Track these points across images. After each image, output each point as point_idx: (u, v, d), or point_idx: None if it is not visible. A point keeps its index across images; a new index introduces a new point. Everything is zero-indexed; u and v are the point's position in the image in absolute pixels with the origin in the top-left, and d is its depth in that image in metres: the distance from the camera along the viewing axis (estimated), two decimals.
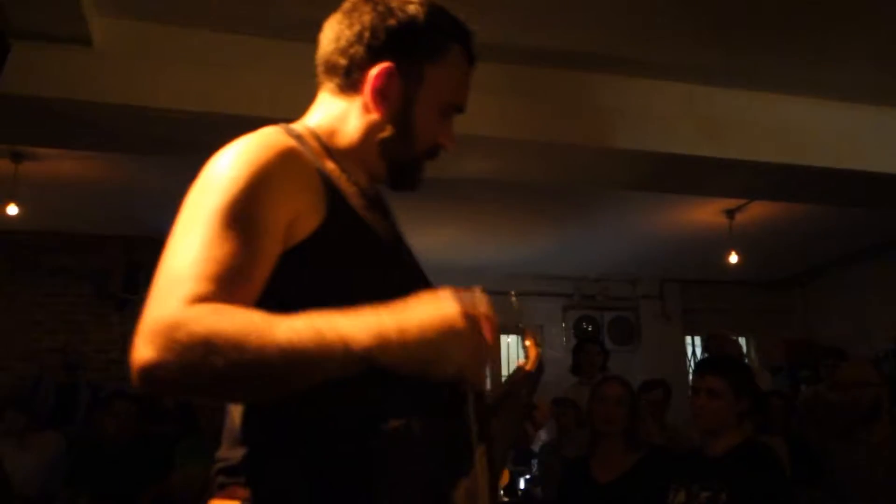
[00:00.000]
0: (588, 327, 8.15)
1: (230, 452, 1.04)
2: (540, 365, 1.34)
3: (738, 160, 4.14)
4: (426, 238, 6.54)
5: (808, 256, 7.67)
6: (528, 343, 1.36)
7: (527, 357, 1.33)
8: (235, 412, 1.04)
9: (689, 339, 8.61)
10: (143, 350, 0.87)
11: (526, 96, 3.82)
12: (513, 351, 7.93)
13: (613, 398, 3.15)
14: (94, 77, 3.31)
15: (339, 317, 0.89)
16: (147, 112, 3.42)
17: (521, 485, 5.07)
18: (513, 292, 1.28)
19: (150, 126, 3.61)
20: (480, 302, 0.96)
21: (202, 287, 0.90)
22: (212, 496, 1.03)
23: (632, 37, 3.67)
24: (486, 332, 0.94)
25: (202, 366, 0.85)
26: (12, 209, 5.19)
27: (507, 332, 7.96)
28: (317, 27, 1.24)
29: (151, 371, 0.86)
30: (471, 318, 0.92)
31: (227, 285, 0.92)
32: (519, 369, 1.29)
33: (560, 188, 5.54)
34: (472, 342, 0.92)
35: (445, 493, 0.96)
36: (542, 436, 5.74)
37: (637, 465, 3.05)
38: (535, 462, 5.34)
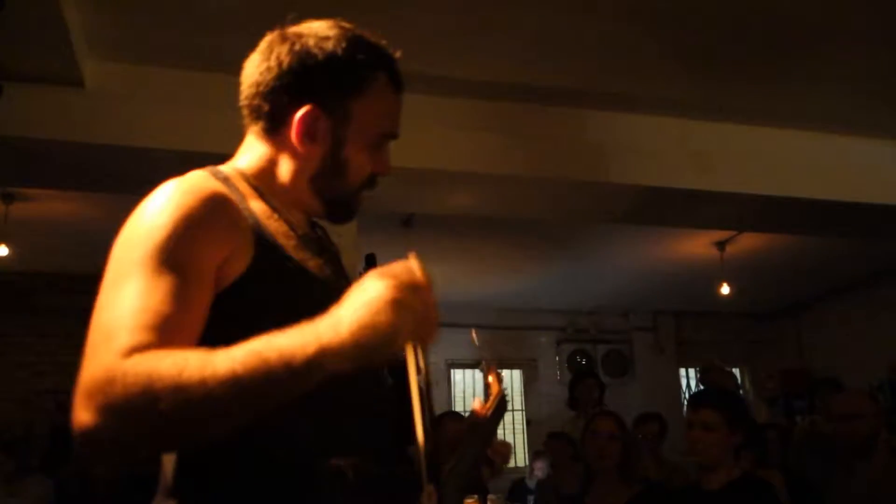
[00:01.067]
0: (582, 360, 8.13)
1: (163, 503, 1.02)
2: (502, 403, 1.29)
3: (728, 192, 4.17)
4: None
5: (801, 287, 7.70)
6: (490, 379, 1.31)
7: (488, 394, 1.27)
8: (167, 461, 1.02)
9: (682, 370, 8.59)
10: (81, 414, 0.83)
11: (514, 133, 3.85)
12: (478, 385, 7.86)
13: (606, 433, 3.13)
14: (86, 118, 3.32)
15: (276, 337, 0.86)
16: (139, 153, 3.43)
17: None
18: (473, 330, 1.25)
19: (141, 166, 3.62)
20: (411, 266, 0.93)
21: (136, 337, 0.87)
22: None
23: (619, 72, 3.71)
24: (424, 294, 0.91)
25: (144, 415, 0.81)
26: (3, 250, 5.18)
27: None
28: None
29: (93, 434, 0.82)
30: (402, 285, 0.88)
31: (161, 334, 0.88)
32: (474, 413, 1.24)
33: (550, 223, 5.56)
34: (410, 306, 0.88)
35: None
36: (539, 472, 5.69)
37: (632, 500, 3.01)
38: (531, 499, 5.29)
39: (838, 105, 4.06)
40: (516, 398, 8.21)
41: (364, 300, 0.87)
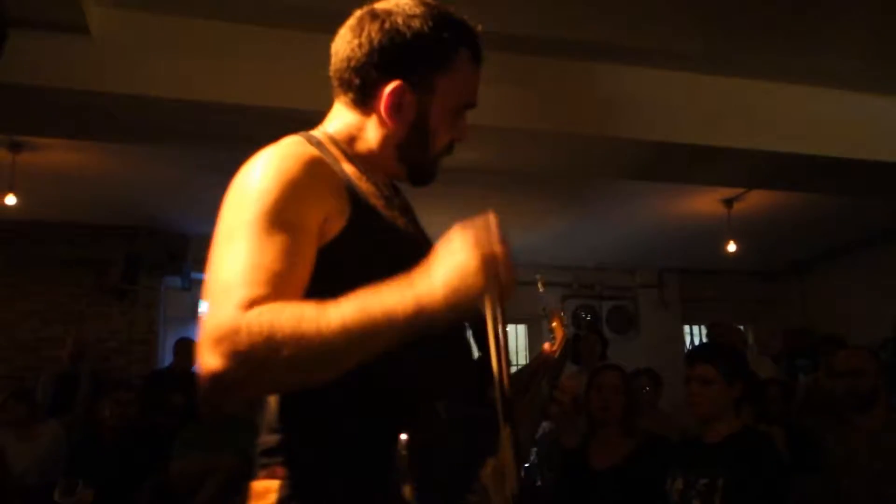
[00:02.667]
0: (587, 316, 8.17)
1: (268, 437, 1.11)
2: (566, 348, 1.37)
3: (736, 148, 4.14)
4: (426, 227, 6.55)
5: (807, 246, 7.68)
6: (554, 325, 1.39)
7: (553, 339, 1.35)
8: (271, 402, 1.12)
9: (687, 328, 8.63)
10: (210, 360, 0.92)
11: (525, 85, 3.82)
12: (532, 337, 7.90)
13: (610, 386, 3.17)
14: (92, 66, 3.30)
15: (378, 293, 0.97)
16: (145, 101, 3.42)
17: (521, 473, 5.08)
18: (539, 276, 1.31)
19: (148, 115, 3.61)
20: (491, 227, 1.03)
21: (253, 292, 0.96)
22: (254, 477, 1.10)
23: (632, 26, 3.66)
24: (504, 256, 1.01)
25: (268, 361, 0.92)
26: (10, 199, 5.19)
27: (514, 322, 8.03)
28: (314, 15, 1.25)
29: (222, 378, 0.92)
30: (486, 250, 0.99)
31: (274, 288, 0.98)
32: (543, 352, 1.32)
33: (558, 178, 5.55)
34: (493, 270, 0.99)
35: (474, 473, 1.00)
36: (542, 425, 5.76)
37: (634, 452, 3.06)
38: (534, 451, 5.36)
39: (849, 61, 4.01)
40: (521, 353, 8.28)
41: (454, 264, 0.98)
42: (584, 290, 8.28)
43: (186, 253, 6.52)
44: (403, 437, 0.93)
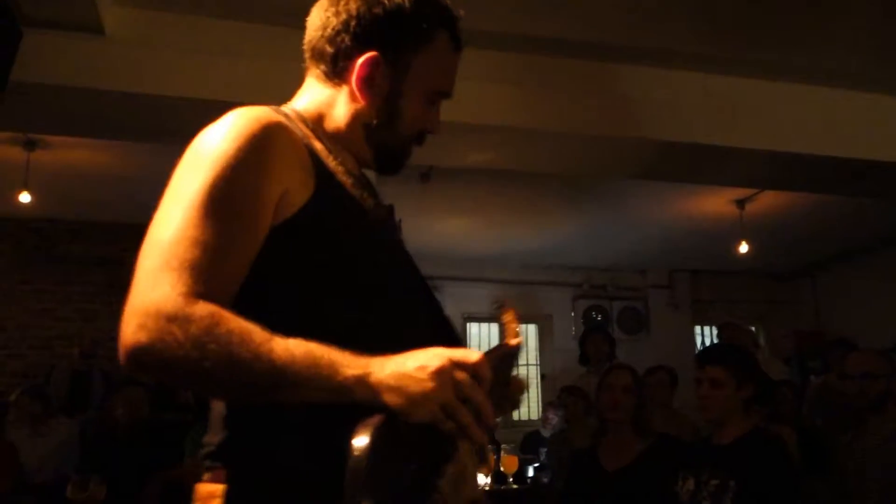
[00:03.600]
0: (597, 317, 8.16)
1: (213, 437, 1.07)
2: (518, 342, 1.33)
3: (750, 149, 4.12)
4: (438, 227, 6.55)
5: (819, 247, 7.64)
6: (506, 319, 1.33)
7: (505, 334, 1.30)
8: (217, 402, 1.08)
9: (698, 328, 8.60)
10: (136, 333, 0.91)
11: (539, 86, 3.82)
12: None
13: (620, 386, 3.16)
14: (106, 65, 3.32)
15: (334, 350, 0.92)
16: (159, 100, 3.44)
17: (530, 473, 5.09)
18: (501, 305, 1.25)
19: (162, 114, 3.63)
20: (472, 356, 0.95)
21: (196, 277, 0.93)
22: (199, 480, 1.06)
23: (647, 26, 3.65)
24: (469, 384, 0.93)
25: (191, 363, 0.89)
26: (25, 197, 5.23)
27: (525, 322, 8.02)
28: None
29: (140, 355, 0.91)
30: (450, 362, 0.92)
31: (217, 270, 0.95)
32: (497, 348, 1.25)
33: (569, 178, 5.54)
34: (446, 384, 0.91)
35: (430, 482, 0.94)
36: (552, 419, 5.76)
37: (645, 453, 3.05)
38: (543, 451, 5.36)
39: (864, 62, 3.98)
40: (531, 353, 8.28)
41: (414, 359, 0.93)
42: (595, 290, 8.27)
43: None
44: (360, 442, 0.86)
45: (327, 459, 0.89)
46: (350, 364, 0.92)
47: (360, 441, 0.86)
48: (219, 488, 1.01)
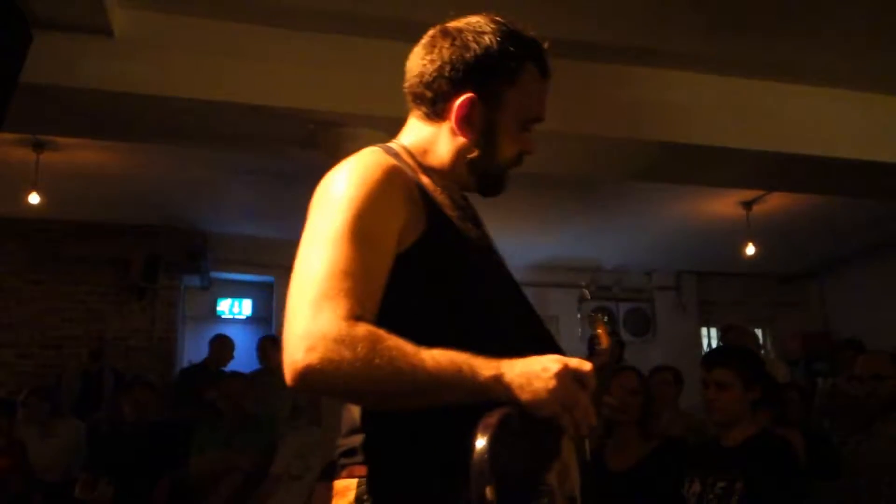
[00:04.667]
0: (604, 319, 8.13)
1: (349, 439, 1.19)
2: (613, 353, 1.45)
3: (758, 151, 4.12)
4: None
5: (826, 249, 7.62)
6: (599, 332, 1.48)
7: (601, 346, 1.48)
8: (354, 407, 1.20)
9: (704, 330, 8.59)
10: (307, 355, 1.02)
11: None
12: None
13: (627, 388, 3.16)
14: (115, 67, 3.34)
15: (466, 354, 1.05)
16: (168, 102, 3.45)
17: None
18: (584, 284, 1.36)
19: (170, 116, 3.65)
20: (585, 366, 1.09)
21: (351, 304, 1.06)
22: (334, 477, 1.19)
23: (656, 28, 3.65)
24: (580, 393, 1.06)
25: (361, 378, 1.01)
26: (34, 198, 5.25)
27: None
28: (339, 18, 1.27)
29: (312, 375, 1.02)
30: (567, 369, 1.06)
31: (366, 296, 1.08)
32: (596, 358, 1.40)
33: (578, 180, 5.54)
34: (564, 386, 1.05)
35: (540, 475, 1.06)
36: None
37: (651, 454, 3.05)
38: None
39: (872, 64, 3.98)
40: None
41: (538, 362, 1.07)
42: (602, 291, 8.26)
43: (206, 252, 6.57)
44: (482, 438, 0.97)
45: (453, 455, 1.00)
46: (486, 366, 1.05)
47: (482, 437, 0.97)
48: (353, 482, 1.14)
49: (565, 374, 1.05)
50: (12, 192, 5.42)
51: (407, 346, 1.04)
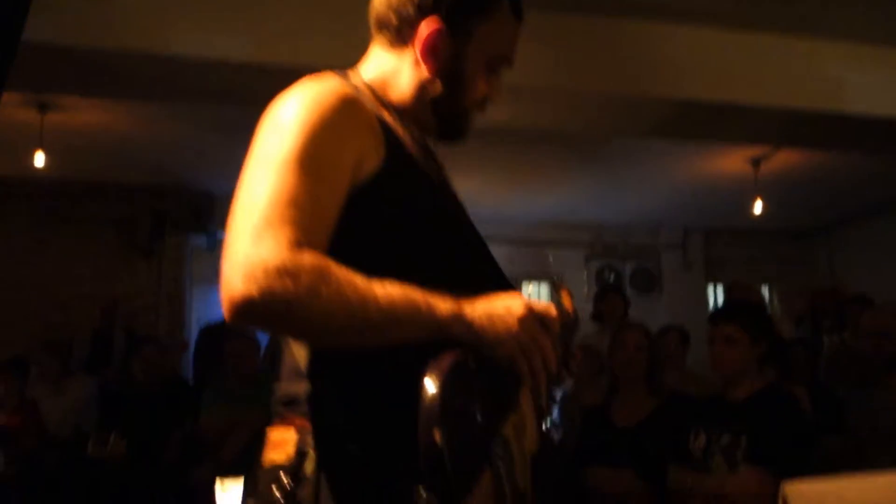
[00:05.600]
0: (610, 276, 8.15)
1: (291, 386, 1.12)
2: (576, 318, 1.41)
3: (767, 106, 4.07)
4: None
5: (834, 206, 7.58)
6: (563, 298, 1.44)
7: (562, 309, 1.41)
8: (298, 350, 1.12)
9: (711, 288, 8.59)
10: (246, 285, 0.93)
11: (552, 44, 3.77)
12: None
13: (633, 344, 3.17)
14: (119, 25, 3.30)
15: (423, 289, 1.00)
16: (172, 61, 3.42)
17: (540, 430, 5.14)
18: (549, 253, 1.35)
19: (175, 75, 3.62)
20: (548, 310, 1.06)
21: (295, 232, 0.97)
22: (271, 424, 1.12)
23: None
24: (543, 338, 1.03)
25: (305, 311, 0.94)
26: (39, 159, 5.24)
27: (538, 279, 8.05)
28: None
29: (252, 306, 0.94)
30: (532, 312, 1.02)
31: (311, 228, 1.00)
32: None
33: (585, 137, 5.50)
34: (527, 330, 1.01)
35: (496, 426, 1.02)
36: (563, 385, 5.80)
37: (657, 410, 3.08)
38: (555, 409, 5.40)
39: (880, 17, 3.91)
40: None
41: (502, 303, 1.03)
42: (608, 250, 8.25)
43: (212, 212, 6.58)
44: (433, 382, 0.92)
45: (402, 404, 0.94)
46: (445, 304, 1.00)
47: (432, 380, 0.92)
48: (293, 435, 1.07)
49: (529, 317, 1.02)
50: (18, 154, 5.40)
51: (357, 278, 0.97)
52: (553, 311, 1.05)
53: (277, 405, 1.12)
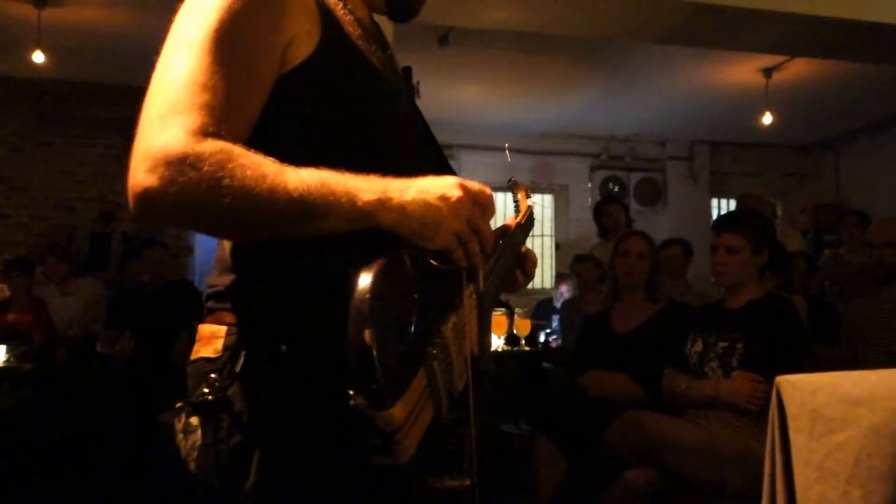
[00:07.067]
0: (614, 188, 8.13)
1: (219, 279, 1.06)
2: (530, 218, 1.37)
3: (786, 13, 3.97)
4: (455, 94, 6.44)
5: (845, 119, 7.48)
6: (519, 196, 1.39)
7: (517, 210, 1.35)
8: (225, 242, 1.07)
9: (715, 201, 8.58)
10: (147, 176, 0.88)
11: None
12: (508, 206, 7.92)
13: (635, 252, 3.18)
14: None
15: (346, 175, 0.92)
16: None
17: (542, 338, 5.23)
18: (507, 145, 1.27)
19: None
20: (486, 190, 0.99)
21: (204, 119, 0.90)
22: (201, 321, 1.07)
23: None
24: (479, 220, 0.97)
25: (208, 202, 0.88)
26: (38, 56, 5.15)
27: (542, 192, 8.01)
28: None
29: (152, 199, 0.88)
30: (467, 194, 0.95)
31: (225, 114, 0.92)
32: (511, 220, 1.31)
33: (593, 43, 5.38)
34: (462, 214, 0.94)
35: (435, 326, 0.96)
36: (565, 293, 5.87)
37: (656, 316, 3.11)
38: (556, 318, 5.48)
39: None
40: (546, 224, 8.31)
41: (434, 186, 0.95)
42: (613, 160, 8.20)
43: None
44: (365, 280, 0.87)
45: (332, 299, 0.90)
46: (368, 189, 0.92)
47: (365, 277, 0.87)
48: (221, 329, 1.03)
49: (465, 200, 0.94)
50: (16, 51, 5.32)
51: (267, 166, 0.89)
52: (487, 190, 0.98)
53: (206, 300, 1.07)
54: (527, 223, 1.35)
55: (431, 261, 0.98)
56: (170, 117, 0.91)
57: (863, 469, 1.28)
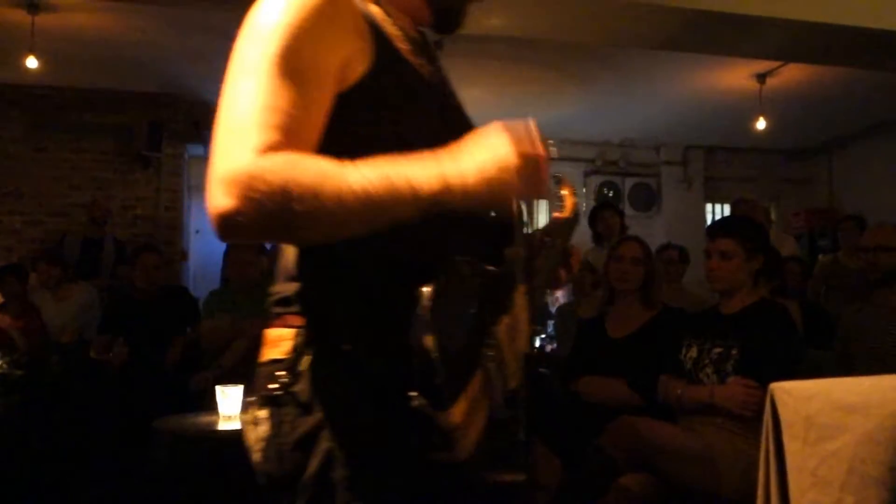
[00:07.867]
0: (609, 193, 8.14)
1: (284, 287, 1.11)
2: (576, 213, 1.39)
3: (778, 18, 3.98)
4: None
5: (838, 125, 7.50)
6: (564, 191, 1.39)
7: (563, 205, 1.36)
8: (289, 252, 1.12)
9: (709, 206, 8.59)
10: (223, 199, 0.92)
11: None
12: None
13: (630, 257, 3.19)
14: None
15: (404, 163, 0.95)
16: None
17: (537, 343, 5.23)
18: (550, 141, 1.28)
19: None
20: (531, 132, 1.01)
21: (270, 137, 0.94)
22: (268, 326, 1.12)
23: None
24: (542, 164, 1.01)
25: (280, 212, 0.91)
26: (32, 62, 5.14)
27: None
28: None
29: (232, 219, 0.92)
30: (524, 154, 0.99)
31: (291, 133, 0.96)
32: (556, 217, 1.33)
33: (588, 49, 5.39)
34: (529, 175, 0.98)
35: (490, 328, 1.01)
36: (560, 298, 5.86)
37: (651, 321, 3.11)
38: (551, 323, 5.48)
39: None
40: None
41: (493, 155, 0.97)
42: (608, 166, 8.21)
43: (209, 121, 6.49)
44: (426, 288, 0.92)
45: (396, 308, 0.95)
46: (426, 177, 0.95)
47: (426, 287, 0.92)
48: (288, 332, 1.08)
49: (524, 163, 0.98)
50: (9, 56, 5.31)
51: (328, 167, 0.93)
52: (531, 124, 1.02)
53: (273, 306, 1.13)
54: (573, 219, 1.38)
55: (486, 266, 1.02)
56: (238, 140, 0.95)
57: (856, 476, 1.28)
